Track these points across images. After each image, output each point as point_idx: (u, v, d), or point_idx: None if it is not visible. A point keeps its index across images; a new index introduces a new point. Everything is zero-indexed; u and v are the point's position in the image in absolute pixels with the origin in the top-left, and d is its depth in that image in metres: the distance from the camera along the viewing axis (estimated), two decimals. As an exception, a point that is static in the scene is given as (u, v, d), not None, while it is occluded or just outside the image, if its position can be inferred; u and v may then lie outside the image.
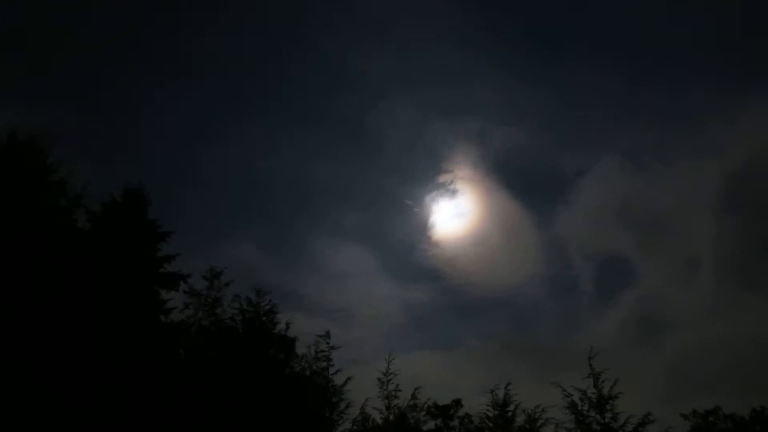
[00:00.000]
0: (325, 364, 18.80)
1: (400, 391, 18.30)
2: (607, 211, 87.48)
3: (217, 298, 18.88)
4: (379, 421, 18.15)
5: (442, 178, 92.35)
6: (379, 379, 18.61)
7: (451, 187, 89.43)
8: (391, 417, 17.99)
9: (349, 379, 18.53)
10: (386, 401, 18.22)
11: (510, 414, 17.60)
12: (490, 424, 17.76)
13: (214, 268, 19.43)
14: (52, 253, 15.50)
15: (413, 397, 18.34)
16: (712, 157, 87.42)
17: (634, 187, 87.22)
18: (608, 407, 15.90)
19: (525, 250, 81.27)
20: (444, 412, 19.72)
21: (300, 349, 19.43)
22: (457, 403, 20.27)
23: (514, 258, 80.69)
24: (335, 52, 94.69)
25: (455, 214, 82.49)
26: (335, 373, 18.66)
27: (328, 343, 19.12)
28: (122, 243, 17.09)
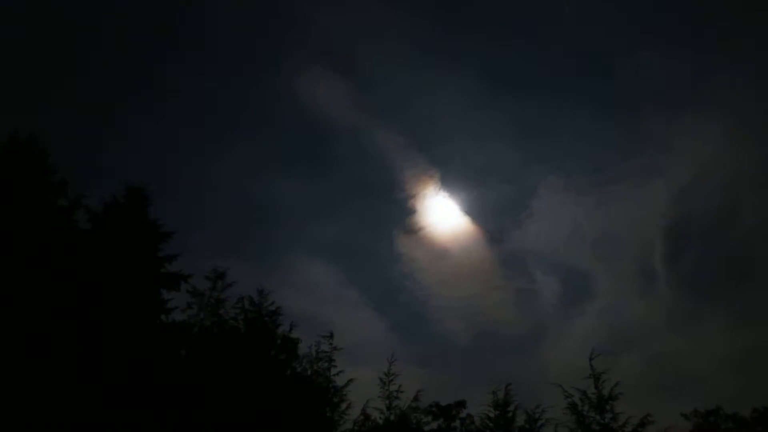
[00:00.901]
0: (326, 364, 18.81)
1: (402, 392, 18.33)
2: (560, 229, 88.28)
3: (220, 298, 18.89)
4: (380, 422, 18.16)
5: (400, 196, 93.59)
6: (380, 379, 18.62)
7: (409, 204, 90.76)
8: (392, 417, 18.00)
9: (351, 380, 18.55)
10: (387, 401, 18.24)
11: (510, 414, 17.63)
12: (491, 425, 17.77)
13: (217, 269, 19.47)
14: (53, 254, 15.51)
15: (416, 398, 18.37)
16: (655, 177, 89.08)
17: (584, 205, 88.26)
18: (608, 408, 15.95)
19: (481, 265, 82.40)
20: (446, 412, 19.67)
21: (302, 349, 19.45)
22: (460, 404, 20.23)
23: (472, 272, 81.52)
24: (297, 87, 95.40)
25: (414, 230, 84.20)
26: (337, 373, 18.68)
27: (331, 343, 19.12)
28: (123, 243, 17.09)
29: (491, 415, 17.77)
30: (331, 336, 19.26)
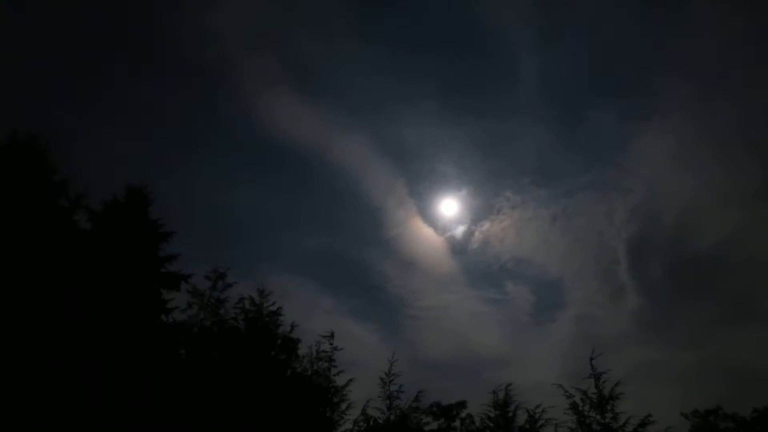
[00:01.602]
0: (327, 364, 18.77)
1: (402, 392, 18.30)
2: (525, 241, 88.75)
3: (220, 298, 18.88)
4: (380, 422, 18.12)
5: (367, 207, 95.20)
6: (381, 379, 18.58)
7: (376, 216, 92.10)
8: (392, 417, 17.96)
9: (351, 380, 18.52)
10: (387, 401, 18.20)
11: (510, 414, 17.61)
12: (491, 425, 17.76)
13: (218, 269, 19.45)
14: (53, 254, 15.49)
15: (416, 398, 18.33)
16: (611, 191, 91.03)
17: (547, 218, 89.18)
18: (609, 407, 15.96)
19: (449, 276, 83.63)
20: (446, 412, 19.65)
21: (302, 349, 19.42)
22: (461, 404, 20.23)
23: (441, 283, 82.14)
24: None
25: (382, 241, 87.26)
26: (338, 374, 18.64)
27: (331, 343, 19.08)
28: (124, 243, 17.08)
29: (491, 415, 17.77)
30: (332, 336, 19.23)
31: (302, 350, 19.31)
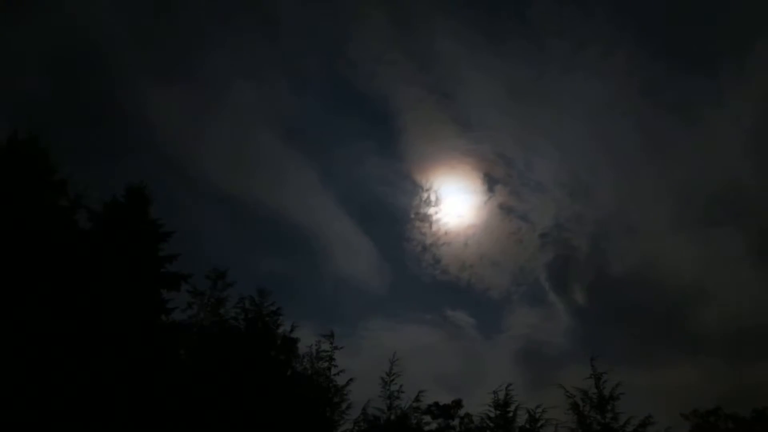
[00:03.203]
0: (327, 364, 18.76)
1: (402, 392, 18.30)
2: (449, 264, 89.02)
3: (220, 298, 18.88)
4: (381, 421, 18.11)
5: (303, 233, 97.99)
6: (382, 379, 18.59)
7: (311, 241, 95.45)
8: (393, 417, 17.97)
9: (351, 380, 18.52)
10: (388, 401, 18.20)
11: (511, 414, 17.62)
12: (491, 425, 17.76)
13: (218, 269, 19.44)
14: (53, 254, 15.47)
15: (417, 398, 18.33)
16: (516, 219, 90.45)
17: (457, 243, 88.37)
18: (609, 408, 15.98)
19: (383, 297, 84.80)
20: (445, 411, 19.66)
21: (302, 349, 19.41)
22: (458, 403, 20.23)
23: (375, 304, 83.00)
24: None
25: (318, 263, 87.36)
26: (338, 373, 18.62)
27: (331, 343, 19.06)
28: (124, 243, 17.06)
29: (491, 415, 17.76)
30: (332, 335, 19.22)
31: (302, 350, 19.32)
